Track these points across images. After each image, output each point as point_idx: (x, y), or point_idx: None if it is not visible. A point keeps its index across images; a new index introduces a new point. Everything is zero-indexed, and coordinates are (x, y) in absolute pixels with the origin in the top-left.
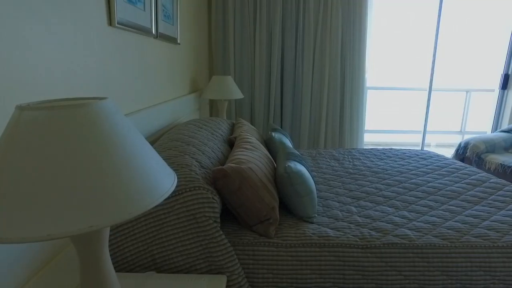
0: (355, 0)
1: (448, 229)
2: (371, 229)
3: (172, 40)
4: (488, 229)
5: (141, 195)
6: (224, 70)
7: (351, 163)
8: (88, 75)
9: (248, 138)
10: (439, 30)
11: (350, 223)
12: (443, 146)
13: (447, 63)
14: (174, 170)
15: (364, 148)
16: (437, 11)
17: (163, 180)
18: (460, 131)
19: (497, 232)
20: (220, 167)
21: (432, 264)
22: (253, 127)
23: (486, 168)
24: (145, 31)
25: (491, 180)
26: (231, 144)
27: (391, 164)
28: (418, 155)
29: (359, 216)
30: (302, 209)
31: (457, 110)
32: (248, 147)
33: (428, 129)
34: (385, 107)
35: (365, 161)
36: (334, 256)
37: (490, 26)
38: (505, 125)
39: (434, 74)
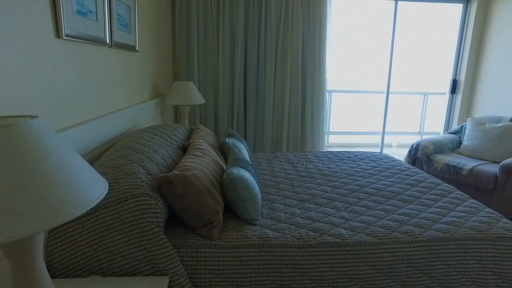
0: (315, 6)
1: (380, 227)
2: (309, 230)
3: (129, 48)
4: (414, 226)
5: (64, 206)
6: (188, 76)
7: (304, 166)
8: (36, 89)
9: (200, 145)
10: (395, 37)
11: (291, 225)
12: (404, 146)
13: (407, 68)
14: (120, 177)
15: (327, 150)
16: (392, 20)
17: (91, 190)
18: (419, 132)
19: (421, 228)
20: (164, 174)
21: (362, 260)
22: (210, 132)
23: (434, 168)
24: (99, 41)
25: (428, 180)
26: (185, 150)
27: (341, 167)
28: (369, 157)
29: (301, 218)
30: (246, 212)
31: (416, 112)
32: (197, 154)
33: (389, 130)
34: (351, 109)
35: (318, 164)
36: (272, 255)
37: (442, 34)
38: (454, 127)
39: (391, 78)
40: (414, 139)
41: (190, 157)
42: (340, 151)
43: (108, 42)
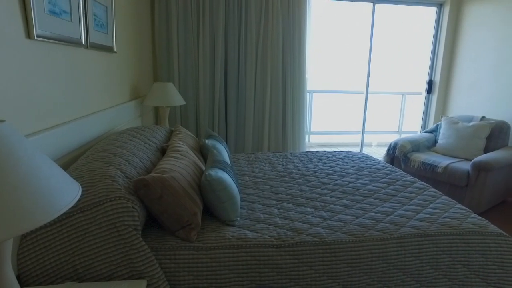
0: (294, 8)
1: (357, 225)
2: (287, 230)
3: (107, 49)
4: (389, 223)
5: (32, 212)
6: (169, 77)
7: (284, 166)
8: (4, 92)
9: (178, 147)
10: (373, 39)
11: (269, 225)
12: (384, 145)
13: (386, 68)
14: (97, 181)
15: (308, 150)
16: (370, 22)
17: (62, 195)
18: (398, 131)
19: (396, 225)
20: (141, 177)
21: (339, 258)
22: (190, 134)
23: (411, 166)
24: (74, 42)
25: (404, 178)
26: (164, 152)
27: (321, 166)
28: (348, 156)
29: (280, 218)
30: (224, 213)
31: (395, 112)
32: (176, 156)
33: (369, 129)
34: (332, 109)
35: (297, 164)
36: (251, 256)
37: (419, 36)
38: (430, 126)
39: (370, 78)
40: (393, 138)
41: (168, 159)
42: (320, 151)
43: (83, 43)
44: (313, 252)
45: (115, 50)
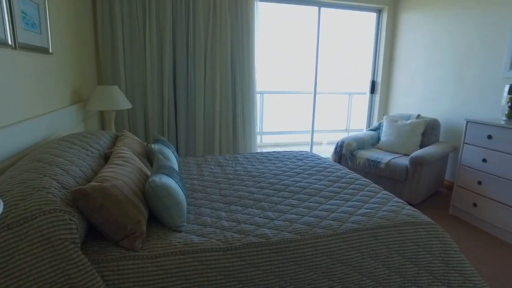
0: (242, 10)
1: (302, 224)
2: (234, 232)
3: (41, 50)
4: (333, 220)
5: None
6: (114, 80)
7: (233, 168)
8: None
9: (122, 153)
10: (319, 41)
11: (216, 228)
12: (333, 143)
13: (334, 69)
14: (28, 194)
15: (262, 150)
16: (317, 25)
17: None
18: (346, 129)
19: (339, 221)
20: (79, 187)
21: (285, 257)
22: (136, 138)
23: (357, 163)
24: None
25: (348, 176)
26: (108, 159)
27: (269, 167)
28: (296, 156)
29: (227, 221)
30: (170, 219)
31: (343, 111)
32: (119, 163)
33: (319, 128)
34: (284, 110)
35: (246, 166)
36: (198, 261)
37: (363, 38)
38: (374, 124)
39: (317, 79)
40: (342, 136)
41: (111, 167)
42: (269, 152)
43: (10, 43)
44: (260, 253)
45: (51, 51)
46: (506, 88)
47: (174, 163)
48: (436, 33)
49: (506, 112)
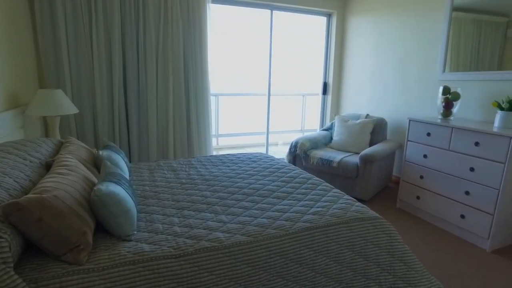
0: (194, 12)
1: (255, 226)
2: (187, 238)
3: None
4: (286, 220)
5: None
6: (59, 83)
7: (187, 173)
8: None
9: (66, 161)
10: (272, 43)
11: (168, 235)
12: (289, 144)
13: (288, 71)
14: None
15: (219, 153)
16: (269, 27)
17: None
18: (301, 129)
19: (291, 221)
20: (12, 200)
21: (238, 259)
22: (83, 145)
23: (311, 163)
24: None
25: (301, 176)
26: (50, 168)
27: (223, 170)
28: (250, 158)
29: (179, 227)
30: (119, 228)
31: (297, 112)
32: (62, 172)
33: (275, 129)
34: (240, 112)
35: (200, 169)
36: (149, 270)
37: (315, 42)
38: (327, 124)
39: (271, 81)
40: (297, 136)
41: (52, 176)
42: (223, 154)
43: None
44: (213, 257)
45: None
46: (440, 89)
47: (124, 170)
48: (380, 37)
49: (442, 111)
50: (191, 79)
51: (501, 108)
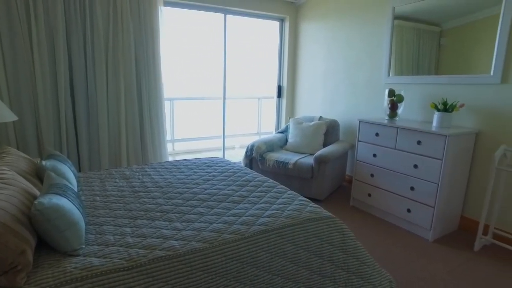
0: (146, 15)
1: (211, 231)
2: (140, 248)
3: None
4: (241, 224)
5: None
6: None
7: (140, 180)
8: None
9: (2, 174)
10: (227, 47)
11: (120, 246)
12: (245, 147)
13: (243, 74)
14: None
15: (175, 158)
16: (223, 31)
17: None
18: (257, 132)
19: (247, 225)
20: None
21: (194, 267)
22: (23, 155)
23: (267, 165)
24: None
25: (256, 179)
26: None
27: (178, 176)
28: (206, 163)
29: (132, 237)
30: (65, 243)
31: (253, 115)
32: None
33: (232, 133)
34: (197, 116)
35: (154, 176)
36: (99, 285)
37: (270, 45)
38: (282, 127)
39: (226, 84)
40: (253, 139)
41: None
42: (178, 160)
43: None
44: (168, 266)
45: None
46: (386, 92)
47: (72, 180)
48: (331, 43)
49: (388, 113)
50: (144, 83)
51: (438, 109)
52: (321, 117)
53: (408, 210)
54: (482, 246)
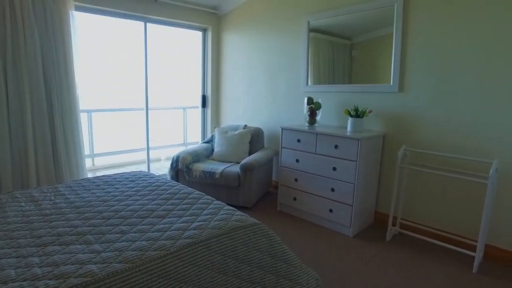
0: (54, 22)
1: (134, 250)
2: (50, 279)
3: None
4: (166, 239)
5: None
6: None
7: (52, 202)
8: None
9: None
10: (148, 56)
11: (24, 281)
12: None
13: (167, 84)
14: None
15: (94, 174)
16: (143, 40)
17: None
18: (183, 143)
19: (172, 239)
20: None
21: None
22: None
23: (194, 176)
24: None
25: (182, 191)
26: None
27: (97, 194)
28: (128, 177)
29: (40, 267)
30: None
31: (179, 125)
32: None
33: (157, 145)
34: (118, 128)
35: (69, 196)
36: None
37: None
38: (208, 136)
39: (148, 95)
40: (180, 150)
41: None
42: (98, 176)
43: None
44: None
45: None
46: (305, 100)
47: None
48: (252, 52)
49: (308, 119)
50: (55, 95)
51: (351, 115)
52: (245, 125)
53: (330, 210)
54: (392, 236)
